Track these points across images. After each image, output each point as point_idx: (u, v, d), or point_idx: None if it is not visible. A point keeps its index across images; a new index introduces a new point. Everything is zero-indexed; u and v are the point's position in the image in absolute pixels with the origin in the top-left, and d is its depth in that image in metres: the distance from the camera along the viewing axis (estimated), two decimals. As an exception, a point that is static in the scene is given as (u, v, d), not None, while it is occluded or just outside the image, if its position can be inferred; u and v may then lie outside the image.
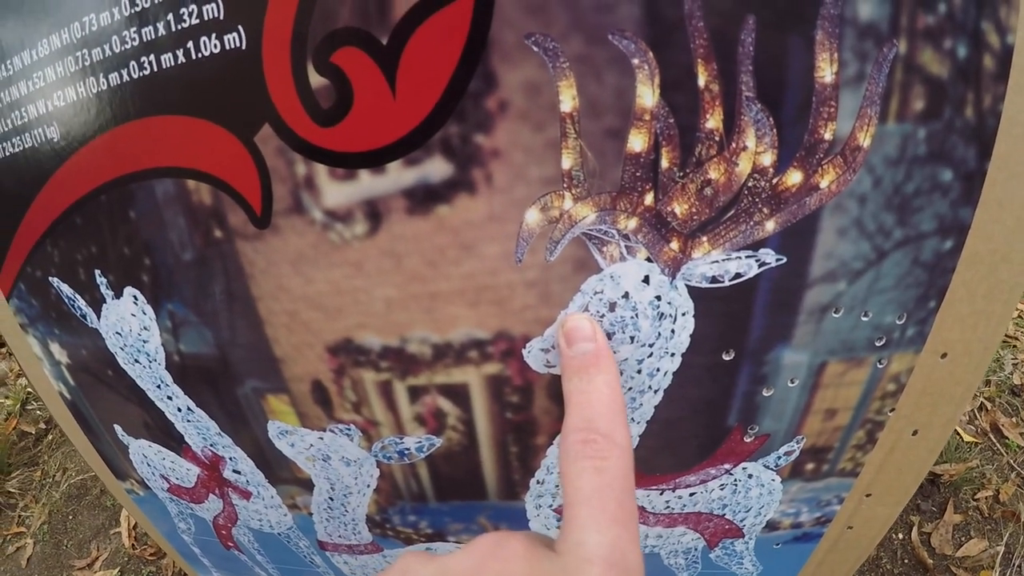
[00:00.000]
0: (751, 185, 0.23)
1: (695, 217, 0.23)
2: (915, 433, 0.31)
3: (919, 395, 0.29)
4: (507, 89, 0.22)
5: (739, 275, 0.24)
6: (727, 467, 0.31)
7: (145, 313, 0.31)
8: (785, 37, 0.21)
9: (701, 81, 0.21)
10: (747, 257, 0.24)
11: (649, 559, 0.36)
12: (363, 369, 0.29)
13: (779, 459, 0.31)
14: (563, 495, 0.22)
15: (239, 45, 0.23)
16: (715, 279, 0.24)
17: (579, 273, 0.25)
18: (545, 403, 0.28)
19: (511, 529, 0.34)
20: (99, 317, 0.32)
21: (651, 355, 0.26)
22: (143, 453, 0.40)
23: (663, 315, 0.25)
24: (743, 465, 0.31)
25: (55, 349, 0.37)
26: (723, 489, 0.32)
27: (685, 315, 0.25)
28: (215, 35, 0.23)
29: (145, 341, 0.32)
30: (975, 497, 0.97)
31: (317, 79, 0.23)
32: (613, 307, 0.25)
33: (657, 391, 0.27)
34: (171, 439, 0.37)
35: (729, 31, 0.21)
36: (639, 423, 0.28)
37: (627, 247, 0.24)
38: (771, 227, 0.23)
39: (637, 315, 0.25)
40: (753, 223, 0.23)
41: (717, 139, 0.22)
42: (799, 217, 0.23)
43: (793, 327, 0.26)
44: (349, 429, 0.31)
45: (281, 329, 0.29)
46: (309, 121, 0.23)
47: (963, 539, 0.93)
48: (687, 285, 0.25)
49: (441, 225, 0.24)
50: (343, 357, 0.28)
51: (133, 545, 1.07)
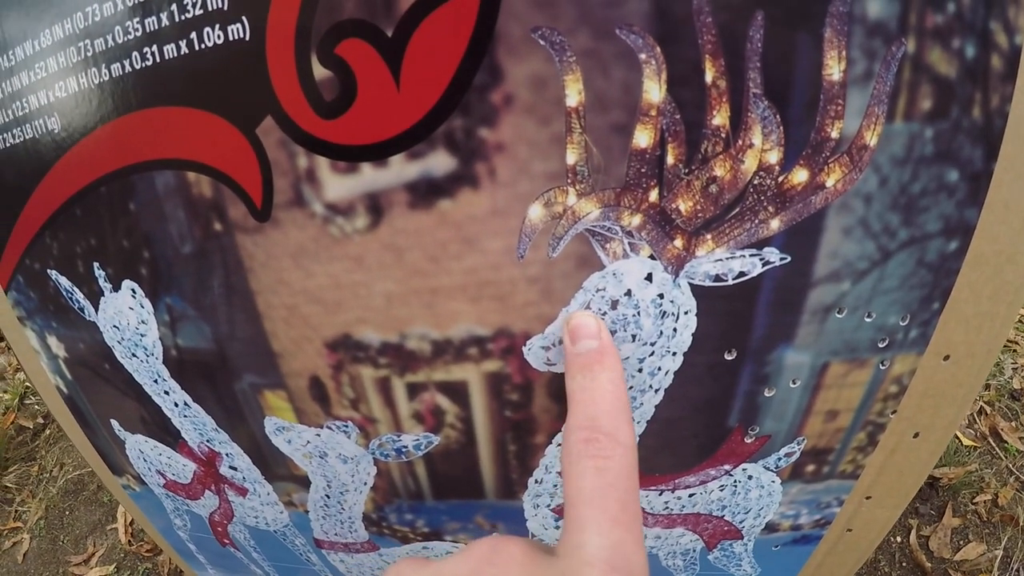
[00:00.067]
0: (756, 183, 0.23)
1: (700, 214, 0.23)
2: (916, 436, 0.30)
3: (921, 397, 0.29)
4: (513, 83, 0.22)
5: (743, 274, 0.24)
6: (727, 468, 0.30)
7: (143, 307, 0.31)
8: (793, 34, 0.21)
9: (708, 77, 0.21)
10: (751, 256, 0.24)
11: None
12: (361, 365, 0.28)
13: (779, 460, 0.30)
14: (564, 495, 0.21)
15: (243, 36, 0.23)
16: (719, 277, 0.24)
17: (581, 270, 0.24)
18: (545, 402, 0.28)
19: (508, 528, 0.35)
20: (97, 310, 0.32)
21: (653, 354, 0.26)
22: (139, 448, 0.39)
23: (665, 313, 0.25)
24: (743, 466, 0.30)
25: (53, 342, 0.37)
26: (723, 490, 0.32)
27: (688, 314, 0.25)
28: (219, 26, 0.23)
29: (143, 335, 0.32)
30: (974, 501, 0.97)
31: (321, 71, 0.23)
32: (615, 305, 0.25)
33: (658, 390, 0.27)
34: (167, 434, 0.37)
35: (737, 27, 0.20)
36: (639, 423, 0.28)
37: (630, 244, 0.24)
38: (776, 225, 0.23)
39: (639, 313, 0.25)
40: (758, 221, 0.23)
41: (723, 136, 0.22)
42: (804, 216, 0.23)
43: (796, 327, 0.26)
44: (346, 426, 0.31)
45: (280, 323, 0.28)
46: (312, 113, 0.23)
47: (961, 543, 0.92)
48: (690, 283, 0.24)
49: (443, 219, 0.24)
50: (342, 353, 0.28)
51: (130, 541, 1.07)
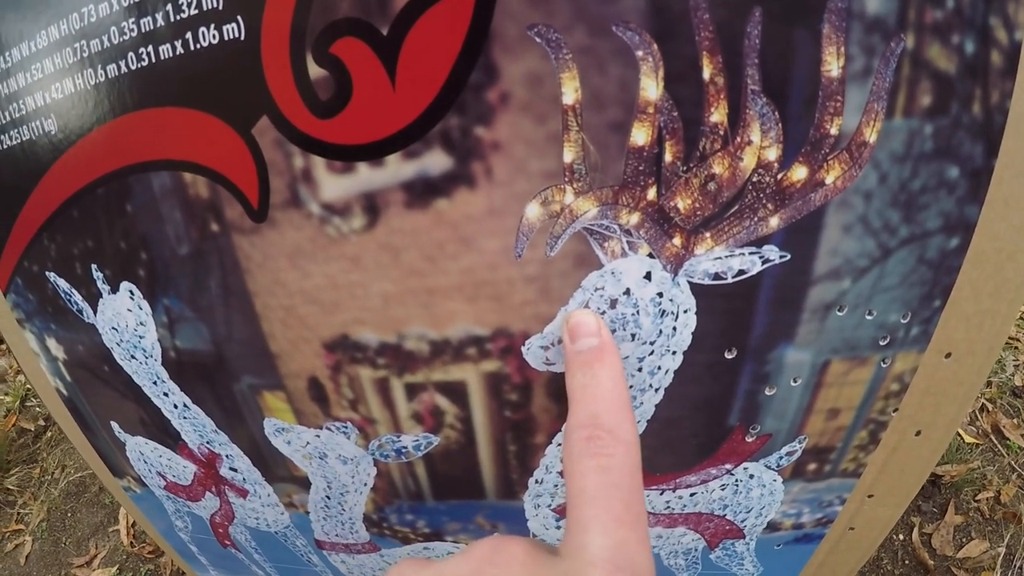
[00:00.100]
0: (755, 180, 0.22)
1: (698, 212, 0.23)
2: (918, 433, 0.30)
3: (923, 395, 0.29)
4: (509, 81, 0.21)
5: (742, 272, 0.24)
6: (728, 467, 0.30)
7: (141, 308, 0.31)
8: (791, 30, 0.20)
9: (706, 74, 0.21)
10: (751, 254, 0.24)
11: (649, 560, 0.36)
12: (360, 366, 0.28)
13: (781, 459, 0.30)
14: (567, 495, 0.21)
15: (238, 36, 0.23)
16: (718, 276, 0.24)
17: (580, 269, 0.24)
18: (544, 401, 0.28)
19: (509, 529, 0.34)
20: (95, 312, 0.32)
21: (652, 353, 0.26)
22: (140, 450, 0.39)
23: (665, 312, 0.25)
24: (744, 465, 0.30)
25: (52, 345, 0.36)
26: (724, 489, 0.32)
27: (687, 312, 0.25)
28: (214, 26, 0.23)
29: (141, 337, 0.32)
30: (976, 498, 0.96)
31: (316, 70, 0.22)
32: (614, 304, 0.24)
33: (658, 389, 0.27)
34: (167, 436, 0.37)
35: (735, 23, 0.20)
36: (640, 422, 0.28)
37: (629, 243, 0.24)
38: (775, 223, 0.23)
39: (638, 312, 0.25)
40: (757, 219, 0.23)
41: (721, 133, 0.22)
42: (804, 213, 0.23)
43: (797, 325, 0.26)
44: (346, 427, 0.31)
45: (277, 324, 0.28)
46: (307, 113, 0.23)
47: (964, 540, 0.92)
48: (689, 282, 0.24)
49: (440, 219, 0.24)
50: (340, 353, 0.28)
51: (131, 543, 1.07)
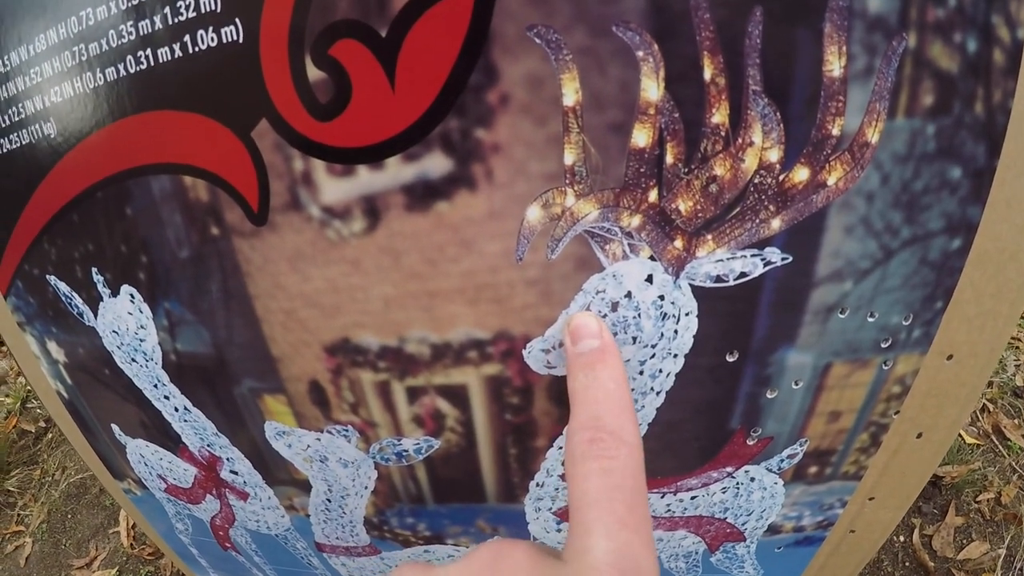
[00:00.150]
0: (757, 182, 0.22)
1: (700, 214, 0.23)
2: (920, 436, 0.30)
3: (924, 397, 0.29)
4: (508, 82, 0.21)
5: (744, 274, 0.24)
6: (729, 470, 0.30)
7: (142, 311, 0.31)
8: (793, 30, 0.20)
9: (707, 74, 0.21)
10: (752, 256, 0.23)
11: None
12: (361, 369, 0.28)
13: (782, 462, 0.30)
14: (569, 497, 0.21)
15: (236, 39, 0.23)
16: (719, 278, 0.24)
17: (581, 272, 0.24)
18: (545, 405, 0.28)
19: (510, 532, 0.34)
20: (96, 315, 0.32)
21: (653, 356, 0.26)
22: (140, 453, 0.39)
23: (666, 315, 0.25)
24: (745, 468, 0.30)
25: (52, 347, 0.36)
26: (725, 492, 0.31)
27: (688, 315, 0.25)
28: (212, 29, 0.23)
29: (142, 340, 0.32)
30: (977, 499, 0.96)
31: (315, 73, 0.22)
32: (615, 307, 0.24)
33: (659, 393, 0.27)
34: (168, 439, 0.37)
35: (736, 23, 0.20)
36: (641, 425, 0.28)
37: (630, 245, 0.23)
38: (777, 225, 0.23)
39: (640, 315, 0.24)
40: (759, 221, 0.23)
41: (723, 134, 0.22)
42: (806, 215, 0.23)
43: (798, 327, 0.25)
44: (347, 430, 0.31)
45: (278, 328, 0.28)
46: (307, 115, 0.23)
47: (964, 542, 0.92)
48: (691, 284, 0.24)
49: (440, 222, 0.24)
50: (341, 357, 0.28)
51: (132, 545, 1.07)
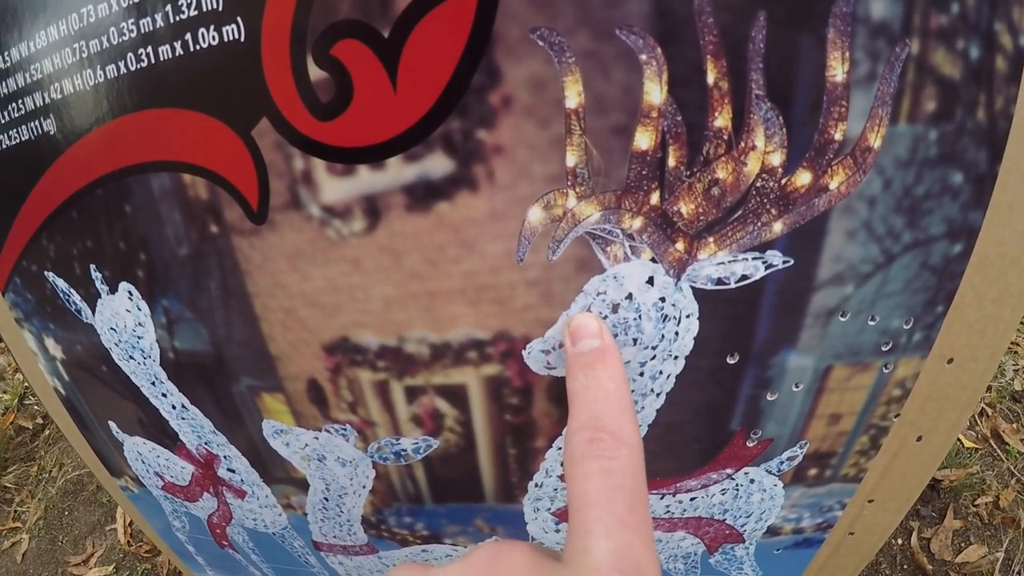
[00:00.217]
0: (759, 185, 0.22)
1: (701, 217, 0.23)
2: (919, 439, 0.30)
3: (924, 401, 0.29)
4: (511, 84, 0.21)
5: (745, 277, 0.24)
6: (729, 472, 0.30)
7: (140, 309, 0.30)
8: (796, 35, 0.20)
9: (710, 78, 0.21)
10: (754, 259, 0.23)
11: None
12: (360, 368, 0.28)
13: (782, 464, 0.30)
14: (568, 498, 0.21)
15: (238, 37, 0.23)
16: (721, 281, 0.24)
17: (582, 273, 0.24)
18: (545, 405, 0.28)
19: (508, 532, 0.34)
20: (94, 313, 0.32)
21: (654, 358, 0.26)
22: (137, 450, 0.39)
23: (667, 317, 0.25)
24: (745, 470, 0.30)
25: (50, 344, 0.36)
26: (724, 494, 0.31)
27: (689, 317, 0.25)
28: (213, 27, 0.23)
29: (140, 337, 0.32)
30: (975, 503, 0.96)
31: (316, 72, 0.22)
32: (616, 308, 0.24)
33: (659, 394, 0.27)
34: (165, 436, 0.37)
35: (739, 27, 0.20)
36: (641, 427, 0.28)
37: (631, 247, 0.23)
38: (779, 228, 0.23)
39: (640, 317, 0.24)
40: (760, 224, 0.23)
41: (725, 138, 0.22)
42: (807, 219, 0.23)
43: (799, 330, 0.25)
44: (345, 429, 0.31)
45: (277, 326, 0.28)
46: (308, 115, 0.23)
47: (963, 545, 0.92)
48: (692, 286, 0.24)
49: (441, 222, 0.24)
50: (340, 356, 0.28)
51: (129, 542, 1.07)
